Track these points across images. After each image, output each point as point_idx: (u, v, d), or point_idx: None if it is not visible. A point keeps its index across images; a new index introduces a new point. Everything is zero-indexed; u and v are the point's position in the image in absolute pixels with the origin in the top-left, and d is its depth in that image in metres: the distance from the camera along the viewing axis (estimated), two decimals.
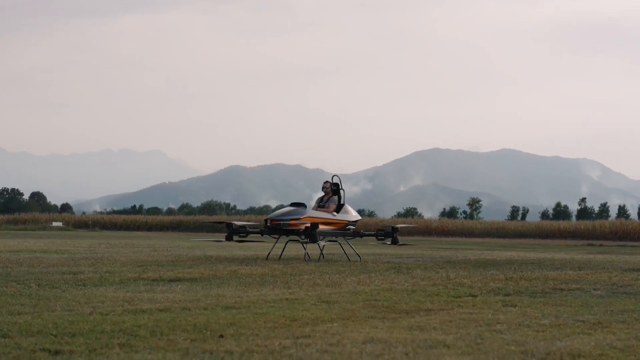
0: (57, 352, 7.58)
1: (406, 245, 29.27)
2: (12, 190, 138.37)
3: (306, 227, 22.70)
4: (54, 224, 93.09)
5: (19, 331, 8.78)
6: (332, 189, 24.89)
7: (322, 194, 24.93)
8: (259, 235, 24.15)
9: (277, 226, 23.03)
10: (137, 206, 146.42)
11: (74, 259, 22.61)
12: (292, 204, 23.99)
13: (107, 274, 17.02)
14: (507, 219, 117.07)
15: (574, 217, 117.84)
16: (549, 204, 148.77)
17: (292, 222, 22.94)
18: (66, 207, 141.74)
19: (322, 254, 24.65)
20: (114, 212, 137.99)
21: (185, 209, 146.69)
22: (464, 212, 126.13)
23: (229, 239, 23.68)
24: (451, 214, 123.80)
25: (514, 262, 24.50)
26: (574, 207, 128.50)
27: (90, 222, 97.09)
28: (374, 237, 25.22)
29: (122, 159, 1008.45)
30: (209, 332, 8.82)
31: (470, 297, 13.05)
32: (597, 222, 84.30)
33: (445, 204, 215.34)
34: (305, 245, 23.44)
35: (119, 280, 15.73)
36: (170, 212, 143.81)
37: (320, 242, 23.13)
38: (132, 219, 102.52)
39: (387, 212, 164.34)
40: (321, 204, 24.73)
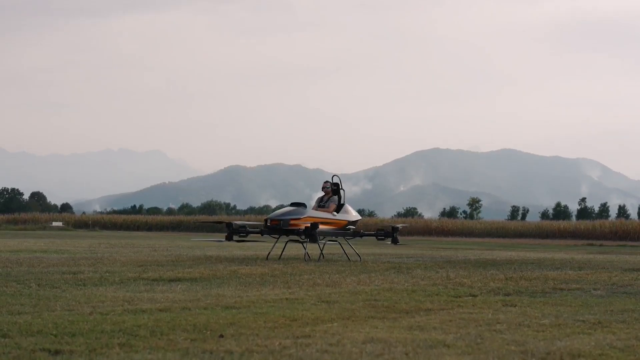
0: (57, 352, 7.58)
1: (406, 245, 29.32)
2: (12, 190, 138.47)
3: (306, 227, 22.73)
4: (54, 224, 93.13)
5: (19, 331, 8.79)
6: (332, 189, 24.90)
7: (322, 194, 24.96)
8: (259, 235, 24.18)
9: (277, 226, 23.05)
10: (137, 206, 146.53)
11: (74, 259, 22.62)
12: (292, 204, 24.01)
13: (107, 274, 17.03)
14: (507, 218, 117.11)
15: (574, 217, 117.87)
16: (549, 204, 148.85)
17: (292, 222, 22.97)
18: (66, 207, 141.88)
19: (322, 253, 24.67)
20: (114, 212, 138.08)
21: (185, 209, 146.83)
22: (464, 212, 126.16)
23: (229, 238, 23.70)
24: (451, 213, 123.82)
25: (514, 262, 24.50)
26: (574, 207, 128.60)
27: (90, 222, 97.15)
28: (374, 237, 25.27)
29: (122, 159, 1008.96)
30: (209, 332, 8.82)
31: (470, 297, 13.06)
32: (597, 222, 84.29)
33: (445, 203, 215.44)
34: (305, 245, 23.46)
35: (119, 280, 15.74)
36: (170, 212, 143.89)
37: (320, 242, 23.22)
38: (132, 219, 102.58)
39: (387, 212, 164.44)
40: (321, 204, 24.73)
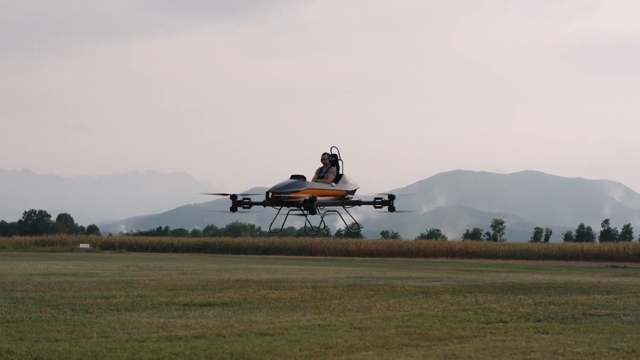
0: None
1: (403, 212, 29.21)
2: (40, 212, 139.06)
3: (305, 200, 23.15)
4: (81, 245, 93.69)
5: (59, 359, 8.94)
6: (331, 160, 25.14)
7: (322, 165, 25.21)
8: (262, 206, 24.53)
9: (278, 198, 23.45)
10: (163, 227, 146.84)
11: (104, 283, 22.83)
12: (292, 177, 24.28)
13: (139, 299, 17.20)
14: (530, 240, 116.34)
15: (597, 239, 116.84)
16: (572, 226, 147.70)
17: (292, 195, 23.35)
18: (93, 229, 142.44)
19: (322, 223, 25.07)
20: (140, 233, 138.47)
21: (210, 230, 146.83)
22: (487, 233, 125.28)
23: (234, 210, 24.17)
24: (475, 235, 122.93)
25: (540, 286, 24.47)
26: (597, 229, 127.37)
27: (116, 244, 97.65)
28: (372, 206, 25.46)
29: (148, 181, 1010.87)
30: None
31: (501, 324, 13.10)
32: (621, 244, 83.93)
33: (468, 225, 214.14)
34: (306, 216, 23.93)
35: (151, 304, 15.89)
36: (195, 233, 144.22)
37: (320, 213, 23.91)
38: (158, 240, 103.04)
39: (410, 234, 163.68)
40: (320, 175, 24.98)
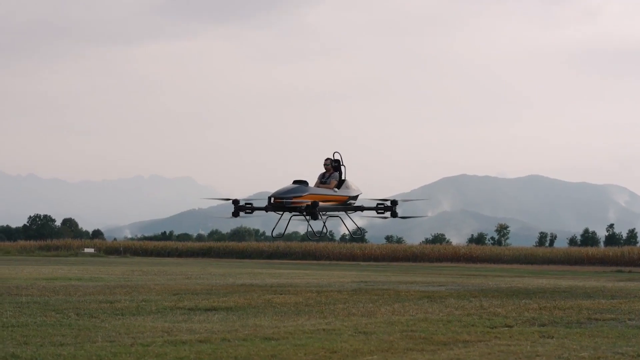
0: None
1: (406, 218, 29.14)
2: (45, 216, 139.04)
3: (307, 205, 23.14)
4: (86, 250, 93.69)
5: None
6: (333, 166, 25.13)
7: (324, 171, 25.20)
8: (264, 211, 24.52)
9: (280, 203, 23.46)
10: (167, 232, 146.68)
11: (109, 287, 22.84)
12: (295, 182, 24.28)
13: (144, 303, 17.20)
14: (535, 245, 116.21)
15: (602, 244, 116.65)
16: (577, 230, 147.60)
17: (294, 200, 23.35)
18: (97, 234, 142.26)
19: (324, 228, 25.07)
20: (145, 238, 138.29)
21: (214, 235, 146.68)
22: (492, 238, 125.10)
23: (236, 215, 24.17)
24: (479, 240, 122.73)
25: (545, 291, 24.44)
26: (601, 233, 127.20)
27: (121, 248, 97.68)
28: (374, 211, 25.42)
29: (152, 186, 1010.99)
30: None
31: (506, 328, 13.08)
32: (626, 248, 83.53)
33: (473, 229, 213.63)
34: (308, 221, 23.92)
35: (156, 309, 15.90)
36: (200, 238, 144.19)
37: (322, 218, 23.92)
38: (163, 245, 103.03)
39: (415, 238, 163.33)
40: (323, 180, 24.97)
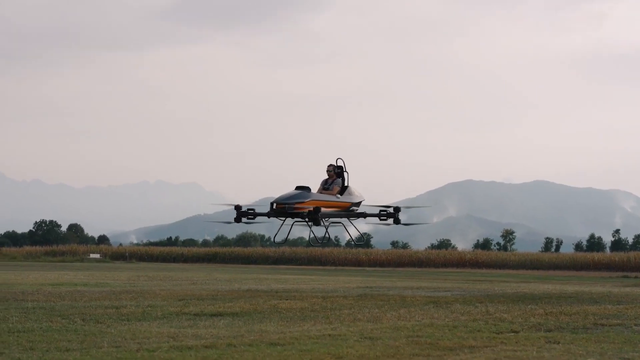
0: None
1: (409, 225, 29.08)
2: (50, 222, 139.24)
3: (309, 211, 23.12)
4: (92, 255, 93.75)
5: None
6: (336, 172, 25.11)
7: (327, 177, 25.18)
8: (267, 217, 24.48)
9: (282, 209, 23.42)
10: (173, 238, 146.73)
11: (114, 293, 22.85)
12: (297, 188, 24.27)
13: (149, 308, 17.20)
14: (540, 250, 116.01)
15: (608, 249, 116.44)
16: (583, 235, 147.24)
17: (296, 206, 23.33)
18: (103, 239, 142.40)
19: (327, 234, 25.06)
20: (150, 243, 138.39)
21: (220, 240, 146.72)
22: (498, 243, 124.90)
23: (238, 220, 24.18)
24: (485, 245, 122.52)
25: (551, 296, 24.39)
26: (607, 239, 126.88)
27: (127, 254, 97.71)
28: (377, 218, 25.38)
29: (158, 191, 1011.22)
30: None
31: (512, 334, 13.05)
32: (632, 254, 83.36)
33: (478, 234, 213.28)
34: (310, 227, 23.90)
35: (162, 314, 15.89)
36: (205, 243, 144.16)
37: (324, 224, 23.90)
38: (168, 250, 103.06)
39: (421, 244, 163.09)
40: (325, 187, 24.95)
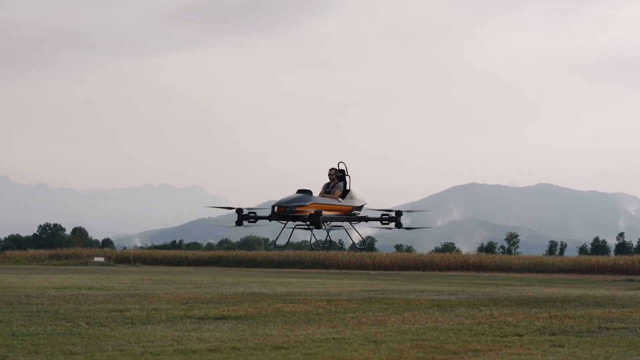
0: None
1: (411, 229, 29.12)
2: (55, 225, 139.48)
3: (310, 215, 23.11)
4: (96, 259, 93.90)
5: None
6: (338, 176, 25.12)
7: (329, 181, 25.18)
8: (268, 220, 24.48)
9: (284, 212, 23.42)
10: (177, 241, 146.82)
11: (119, 296, 22.86)
12: (299, 191, 24.27)
13: (154, 312, 17.21)
14: (545, 253, 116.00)
15: (612, 252, 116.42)
16: (587, 239, 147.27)
17: (298, 209, 23.33)
18: (107, 242, 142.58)
19: (328, 238, 25.06)
20: (154, 247, 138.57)
21: (224, 244, 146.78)
22: (502, 247, 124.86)
23: (239, 224, 24.17)
24: (489, 249, 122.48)
25: (556, 300, 24.37)
26: (612, 242, 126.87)
27: (131, 257, 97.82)
28: (379, 222, 25.37)
29: (162, 194, 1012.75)
30: None
31: (516, 337, 13.04)
32: (636, 257, 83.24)
33: (482, 238, 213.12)
34: (312, 231, 23.89)
35: (166, 318, 15.90)
36: (209, 247, 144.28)
37: (326, 227, 23.88)
38: (172, 254, 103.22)
39: (425, 247, 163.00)
40: (327, 190, 24.96)
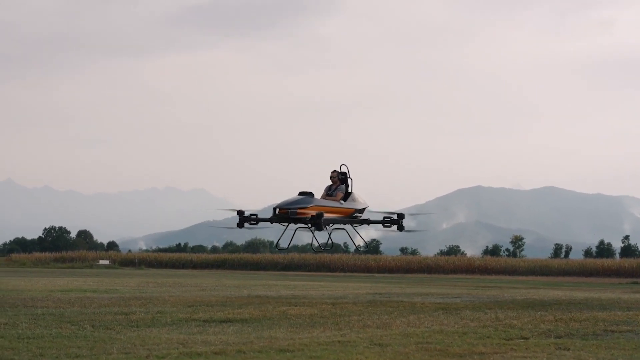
0: None
1: (413, 232, 29.09)
2: (60, 228, 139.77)
3: (312, 217, 23.10)
4: (101, 262, 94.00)
5: None
6: (340, 178, 25.09)
7: (331, 183, 25.16)
8: (269, 222, 24.45)
9: (285, 214, 23.38)
10: (182, 244, 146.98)
11: (124, 299, 22.87)
12: (300, 193, 24.25)
13: (159, 315, 17.21)
14: (550, 256, 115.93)
15: (618, 255, 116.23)
16: (592, 242, 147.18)
17: (299, 211, 23.29)
18: (112, 245, 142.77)
19: (330, 239, 25.06)
20: (159, 250, 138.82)
21: (229, 247, 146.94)
22: (507, 249, 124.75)
23: (241, 226, 24.14)
24: (494, 251, 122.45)
25: (561, 302, 24.34)
26: (617, 245, 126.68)
27: (136, 260, 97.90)
28: (381, 224, 25.33)
29: (167, 197, 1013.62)
30: None
31: (522, 340, 13.02)
32: None
33: (488, 241, 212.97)
34: (313, 233, 23.84)
35: (171, 321, 15.90)
36: (214, 250, 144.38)
37: (327, 229, 23.84)
38: (177, 257, 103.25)
39: (430, 250, 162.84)
40: (329, 193, 24.93)
